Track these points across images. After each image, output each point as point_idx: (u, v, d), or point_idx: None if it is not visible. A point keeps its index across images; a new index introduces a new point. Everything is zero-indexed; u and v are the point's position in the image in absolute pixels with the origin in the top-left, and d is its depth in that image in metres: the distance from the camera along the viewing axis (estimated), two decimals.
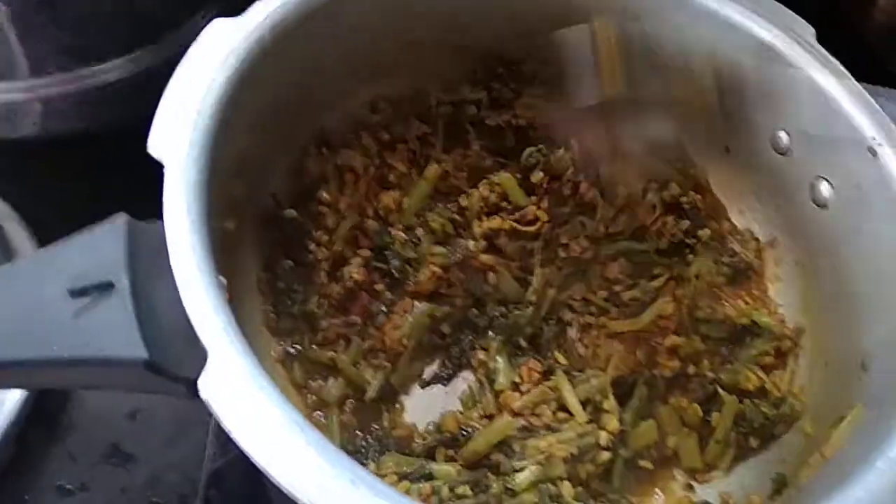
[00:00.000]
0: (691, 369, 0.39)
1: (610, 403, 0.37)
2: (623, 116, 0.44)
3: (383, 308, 0.40)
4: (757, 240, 0.43)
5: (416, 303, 0.40)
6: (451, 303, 0.40)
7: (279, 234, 0.39)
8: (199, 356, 0.26)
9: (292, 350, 0.38)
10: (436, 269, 0.40)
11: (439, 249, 0.41)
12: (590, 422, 0.36)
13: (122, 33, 0.48)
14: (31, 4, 0.45)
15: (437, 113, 0.44)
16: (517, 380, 0.38)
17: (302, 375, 0.38)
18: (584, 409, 0.37)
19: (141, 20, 0.49)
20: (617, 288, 0.42)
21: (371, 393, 0.37)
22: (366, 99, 0.42)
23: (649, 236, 0.43)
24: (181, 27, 0.50)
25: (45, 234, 0.47)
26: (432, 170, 0.42)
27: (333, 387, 0.37)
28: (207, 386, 0.25)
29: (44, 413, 0.44)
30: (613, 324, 0.41)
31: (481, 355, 0.40)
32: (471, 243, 0.41)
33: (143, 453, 0.44)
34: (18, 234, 0.47)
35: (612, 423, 0.36)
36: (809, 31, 0.40)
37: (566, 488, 0.34)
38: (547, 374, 0.39)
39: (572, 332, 0.41)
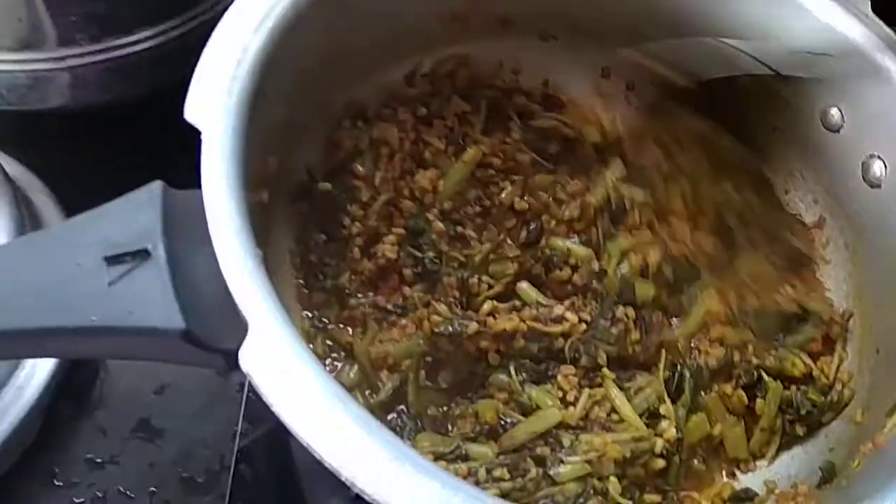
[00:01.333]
0: (736, 356, 0.38)
1: (667, 408, 0.36)
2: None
3: (398, 309, 0.37)
4: (803, 223, 0.42)
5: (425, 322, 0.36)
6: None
7: (313, 207, 0.38)
8: (237, 327, 0.25)
9: (319, 324, 0.37)
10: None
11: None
12: (647, 426, 0.35)
13: (152, 3, 0.48)
14: None
15: (481, 95, 0.43)
16: (559, 394, 0.36)
17: (323, 350, 0.37)
18: (641, 417, 0.35)
19: None
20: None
21: (382, 396, 0.36)
22: (403, 71, 0.41)
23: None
24: None
25: (74, 205, 0.46)
26: (471, 153, 0.41)
27: (350, 373, 0.36)
28: (248, 358, 0.24)
29: (74, 386, 0.44)
30: (665, 332, 0.39)
31: (501, 381, 0.36)
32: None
33: (172, 428, 0.44)
34: (47, 206, 0.47)
35: (670, 431, 0.35)
36: (864, 1, 0.38)
37: (613, 484, 0.33)
38: (587, 372, 0.37)
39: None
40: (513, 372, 0.36)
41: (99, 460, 0.43)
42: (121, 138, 0.49)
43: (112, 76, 0.48)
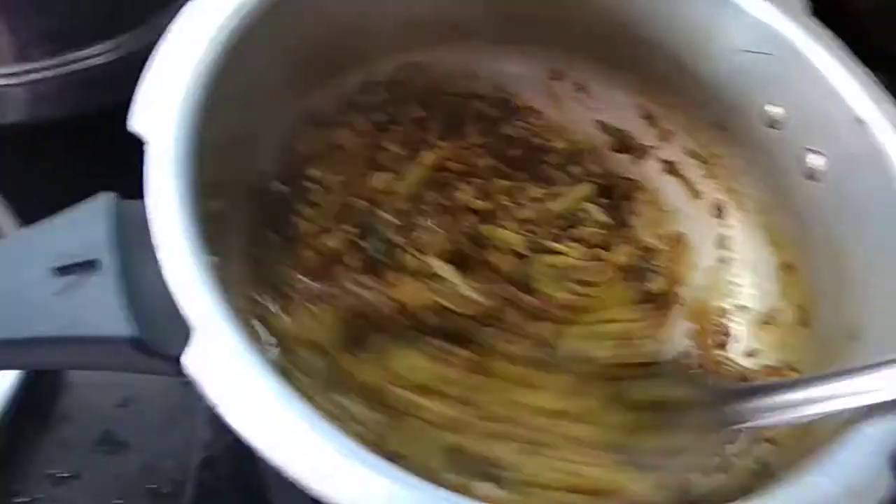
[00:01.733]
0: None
1: None
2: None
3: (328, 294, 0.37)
4: None
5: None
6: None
7: (267, 210, 0.38)
8: (185, 333, 0.25)
9: (262, 317, 0.36)
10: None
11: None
12: None
13: (107, 17, 0.48)
14: None
15: (437, 101, 0.43)
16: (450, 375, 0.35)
17: (264, 340, 0.35)
18: None
19: (126, 3, 0.48)
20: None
21: (313, 378, 0.34)
22: (359, 79, 0.42)
23: None
24: (167, 9, 0.49)
25: (31, 220, 0.46)
26: (429, 157, 0.42)
27: (281, 358, 0.35)
28: (192, 362, 0.24)
29: (35, 402, 0.43)
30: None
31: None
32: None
33: (136, 441, 0.44)
34: (4, 221, 0.46)
35: None
36: (802, 4, 0.40)
37: None
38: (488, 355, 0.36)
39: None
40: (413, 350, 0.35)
41: (62, 475, 0.43)
42: (78, 152, 0.49)
43: (70, 91, 0.48)
